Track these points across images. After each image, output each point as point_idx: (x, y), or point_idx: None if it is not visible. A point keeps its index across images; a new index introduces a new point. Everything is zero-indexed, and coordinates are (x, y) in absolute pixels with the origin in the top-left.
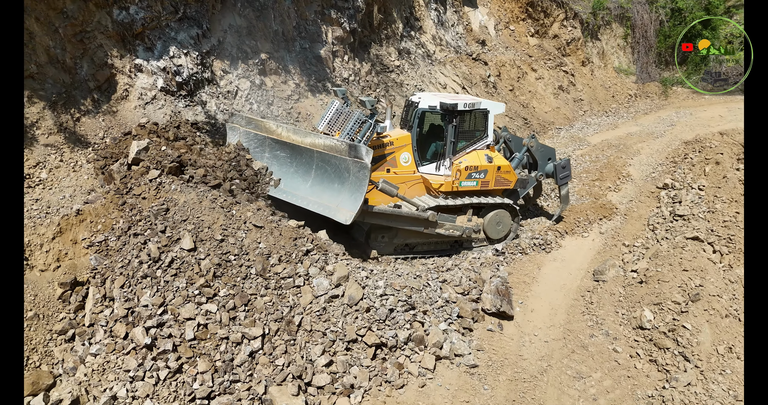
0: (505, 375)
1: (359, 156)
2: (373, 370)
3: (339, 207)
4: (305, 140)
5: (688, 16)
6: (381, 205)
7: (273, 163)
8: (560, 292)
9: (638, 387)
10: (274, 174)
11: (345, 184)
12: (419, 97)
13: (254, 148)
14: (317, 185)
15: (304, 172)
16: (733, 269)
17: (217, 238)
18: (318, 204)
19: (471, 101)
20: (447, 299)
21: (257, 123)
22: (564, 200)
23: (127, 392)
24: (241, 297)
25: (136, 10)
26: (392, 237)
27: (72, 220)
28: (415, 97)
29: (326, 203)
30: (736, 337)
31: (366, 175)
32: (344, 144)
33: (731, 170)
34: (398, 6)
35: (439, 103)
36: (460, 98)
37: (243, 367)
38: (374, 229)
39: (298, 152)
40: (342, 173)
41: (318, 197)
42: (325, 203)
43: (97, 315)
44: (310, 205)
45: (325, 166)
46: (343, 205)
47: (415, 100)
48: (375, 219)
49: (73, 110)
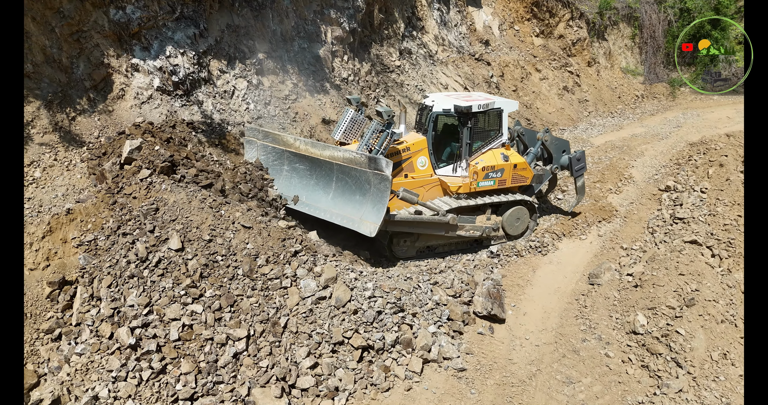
0: (493, 379)
1: (379, 168)
2: (358, 372)
3: (362, 219)
4: (324, 153)
5: (697, 17)
6: (402, 211)
7: (293, 175)
8: (554, 295)
9: (629, 393)
10: (295, 186)
11: (366, 195)
12: (432, 100)
13: (273, 161)
14: (339, 197)
15: (324, 184)
16: (732, 273)
17: (205, 239)
18: (341, 216)
19: (485, 102)
20: (437, 302)
21: (274, 136)
22: (580, 191)
23: (109, 392)
24: (227, 298)
25: (133, 10)
26: (414, 241)
27: (62, 219)
28: (428, 100)
29: (349, 216)
30: (731, 343)
31: (387, 187)
32: (364, 157)
33: (735, 172)
34: (400, 6)
35: (453, 106)
36: (473, 99)
37: (227, 369)
38: (396, 235)
39: (318, 165)
40: (363, 185)
41: (340, 210)
42: (348, 216)
43: (84, 314)
44: (333, 217)
45: (345, 178)
46: (367, 217)
47: (428, 103)
48: (397, 227)
49: (69, 109)
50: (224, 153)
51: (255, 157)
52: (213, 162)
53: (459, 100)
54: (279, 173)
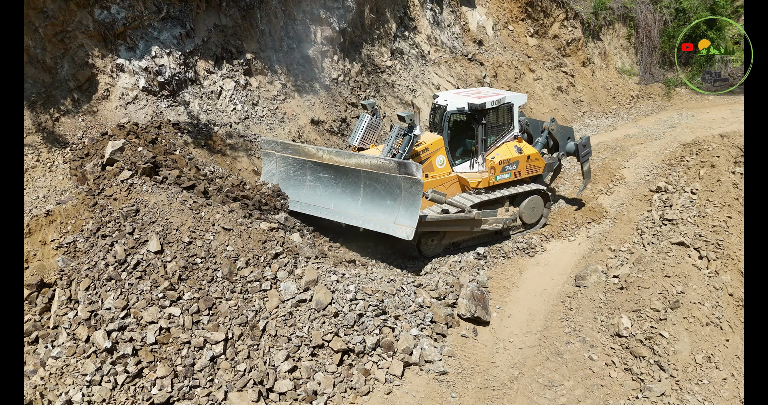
0: (475, 382)
1: (410, 172)
2: (338, 376)
3: (396, 223)
4: (350, 161)
5: (693, 17)
6: (428, 210)
7: (317, 185)
8: (540, 297)
9: (611, 396)
10: (321, 195)
11: (398, 200)
12: (445, 99)
13: (294, 172)
14: (368, 203)
15: (352, 191)
16: (719, 275)
17: (184, 241)
18: (374, 222)
19: (497, 98)
20: (421, 304)
21: (294, 148)
22: (587, 176)
23: (83, 397)
24: (205, 300)
25: (118, 10)
26: (440, 239)
27: (42, 220)
28: (441, 99)
29: (382, 220)
30: (715, 347)
31: (419, 190)
32: (393, 162)
33: (726, 173)
34: (391, 6)
35: (467, 104)
36: (485, 95)
37: (204, 372)
38: (424, 235)
39: (343, 173)
40: (393, 190)
41: (372, 215)
42: (382, 220)
43: (61, 317)
44: (366, 223)
45: (373, 184)
46: (401, 221)
47: (441, 102)
48: (426, 227)
49: (53, 110)
50: (210, 154)
51: (274, 170)
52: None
53: (471, 97)
54: (302, 183)
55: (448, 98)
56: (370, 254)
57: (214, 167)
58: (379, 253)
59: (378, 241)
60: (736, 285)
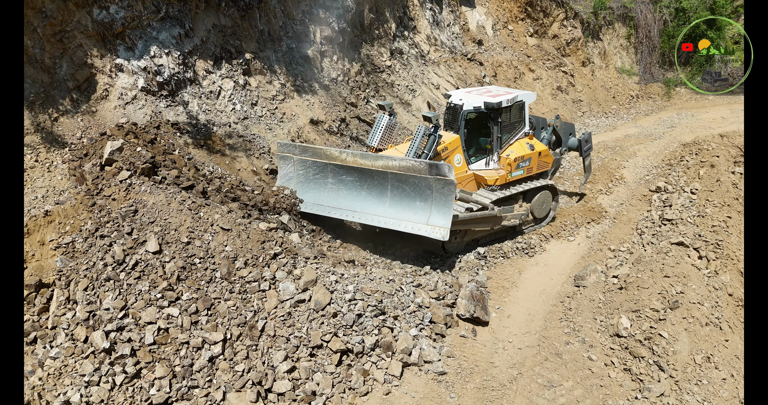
0: (474, 383)
1: (442, 173)
2: (337, 376)
3: (430, 224)
4: (377, 163)
5: (693, 16)
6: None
7: (340, 187)
8: (539, 297)
9: (610, 397)
10: (345, 198)
11: (428, 201)
12: (460, 98)
13: (314, 175)
14: (396, 205)
15: (378, 193)
16: (719, 275)
17: (183, 241)
18: (404, 223)
19: (511, 96)
20: (420, 304)
21: (315, 150)
22: (588, 170)
23: (81, 397)
24: (204, 301)
25: (117, 10)
26: (463, 236)
27: (40, 221)
28: (455, 98)
29: (414, 222)
30: (715, 347)
31: (452, 191)
32: (423, 163)
33: (726, 173)
34: (391, 6)
35: (484, 103)
36: (498, 94)
37: (202, 373)
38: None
39: (369, 175)
40: (423, 191)
41: (401, 216)
42: (413, 222)
43: (60, 318)
44: (395, 225)
45: (401, 185)
46: (434, 221)
47: (457, 102)
48: (455, 226)
49: (51, 110)
50: (209, 154)
51: (291, 173)
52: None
53: (484, 96)
54: (323, 186)
55: (463, 97)
56: (369, 254)
57: (213, 167)
58: (394, 252)
59: (394, 240)
60: (736, 285)
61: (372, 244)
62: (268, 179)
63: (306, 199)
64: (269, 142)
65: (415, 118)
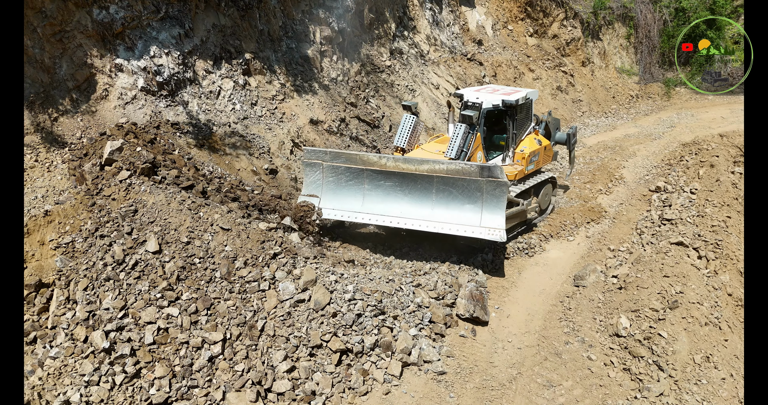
0: (473, 382)
1: (494, 175)
2: (336, 376)
3: (483, 226)
4: (422, 168)
5: (692, 16)
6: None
7: (376, 192)
8: (539, 297)
9: (609, 396)
10: (381, 203)
11: (477, 203)
12: (477, 97)
13: (347, 182)
14: (442, 208)
15: (422, 196)
16: (718, 275)
17: (183, 241)
18: (454, 226)
19: (523, 95)
20: (419, 304)
21: (348, 156)
22: (573, 162)
23: (81, 397)
24: (203, 301)
25: (117, 10)
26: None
27: (40, 221)
28: (472, 97)
29: (465, 224)
30: (714, 347)
31: (504, 192)
32: (474, 166)
33: (725, 173)
34: (391, 6)
35: (502, 101)
36: (509, 92)
37: (202, 373)
38: None
39: (411, 180)
40: (472, 193)
41: (449, 220)
42: (464, 224)
43: (60, 317)
44: (443, 228)
45: (448, 188)
46: (487, 223)
47: (474, 100)
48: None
49: (51, 110)
50: (209, 154)
51: (320, 180)
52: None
53: (496, 94)
54: (358, 192)
55: (481, 96)
56: (368, 254)
57: (213, 167)
58: (394, 252)
59: (394, 240)
60: (735, 285)
61: (371, 244)
62: (268, 179)
63: (336, 206)
64: (269, 141)
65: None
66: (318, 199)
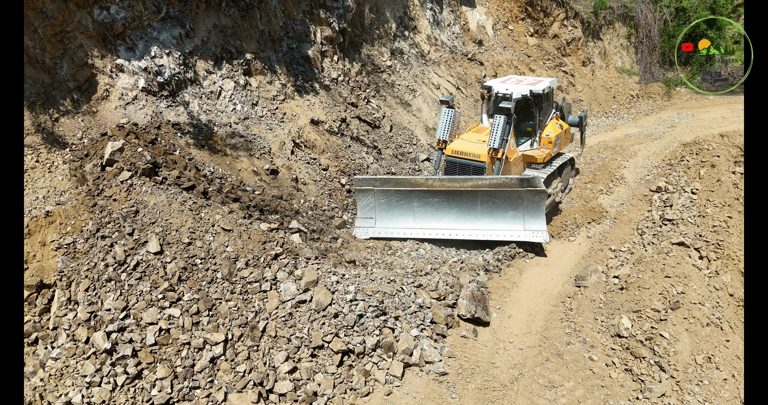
0: (475, 383)
1: (533, 185)
2: (338, 377)
3: (527, 229)
4: (466, 184)
5: (693, 16)
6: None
7: (426, 208)
8: (540, 297)
9: (611, 397)
10: (431, 217)
11: (519, 208)
12: (506, 88)
13: (398, 202)
14: (488, 217)
15: (467, 208)
16: (720, 276)
17: (184, 241)
18: (501, 232)
19: (547, 84)
20: (421, 304)
21: (397, 181)
22: (583, 142)
23: (83, 398)
24: (205, 301)
25: (117, 10)
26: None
27: (41, 221)
28: (502, 88)
29: (510, 230)
30: (716, 347)
31: (543, 198)
32: (513, 179)
33: (726, 173)
34: (391, 6)
35: (530, 92)
36: (533, 82)
37: (203, 374)
38: None
39: (456, 195)
40: (514, 201)
41: (495, 227)
42: (509, 230)
43: (61, 318)
44: (491, 235)
45: (492, 199)
46: (531, 226)
47: (504, 91)
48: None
49: (52, 110)
50: (210, 154)
51: (372, 203)
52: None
53: (522, 84)
54: (409, 210)
55: (509, 87)
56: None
57: (214, 168)
58: (394, 252)
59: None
60: (737, 285)
61: (372, 245)
62: (269, 179)
63: (390, 225)
64: (270, 142)
65: (415, 118)
66: (373, 220)
